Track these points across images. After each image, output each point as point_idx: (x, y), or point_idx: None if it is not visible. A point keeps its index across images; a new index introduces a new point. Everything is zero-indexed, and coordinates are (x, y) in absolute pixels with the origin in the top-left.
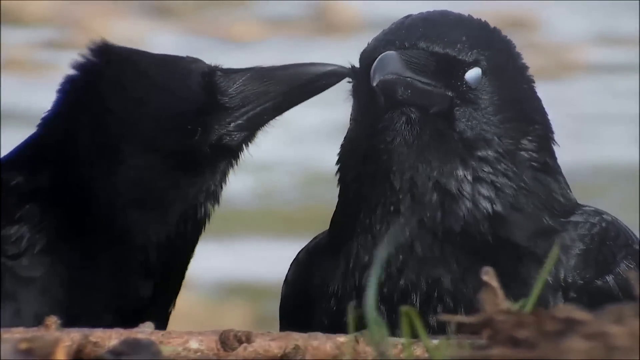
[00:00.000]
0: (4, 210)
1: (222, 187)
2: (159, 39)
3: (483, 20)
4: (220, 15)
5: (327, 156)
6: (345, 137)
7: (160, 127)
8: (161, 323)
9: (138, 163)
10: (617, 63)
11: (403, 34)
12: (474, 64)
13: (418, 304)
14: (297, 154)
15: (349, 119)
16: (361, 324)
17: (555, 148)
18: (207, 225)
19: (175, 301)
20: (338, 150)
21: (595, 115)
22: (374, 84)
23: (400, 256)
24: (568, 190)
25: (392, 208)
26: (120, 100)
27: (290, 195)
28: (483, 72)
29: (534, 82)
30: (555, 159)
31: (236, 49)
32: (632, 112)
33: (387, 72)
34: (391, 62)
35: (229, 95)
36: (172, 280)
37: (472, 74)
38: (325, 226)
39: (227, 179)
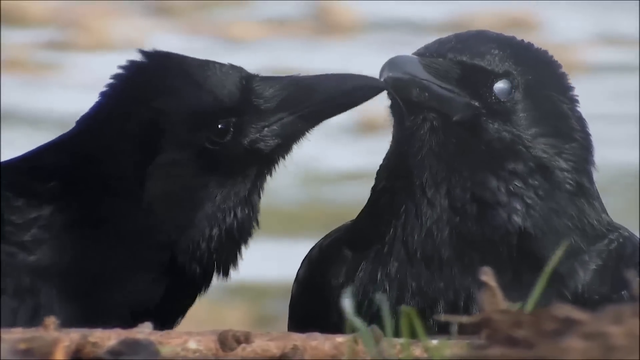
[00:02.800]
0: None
1: (257, 197)
2: (160, 39)
3: (526, 41)
4: (220, 15)
5: (328, 156)
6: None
7: (192, 122)
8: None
9: (167, 158)
10: (617, 63)
11: (435, 47)
12: (504, 75)
13: (443, 312)
14: (297, 153)
15: (352, 122)
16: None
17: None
18: (247, 238)
19: (186, 310)
20: (340, 151)
21: (595, 115)
22: (381, 80)
23: (433, 264)
24: (603, 214)
25: (427, 220)
26: (155, 94)
27: (290, 195)
28: (515, 86)
29: (577, 103)
30: (592, 181)
31: (236, 48)
32: (632, 112)
33: (401, 72)
34: (407, 64)
35: (264, 99)
36: (191, 287)
37: (500, 85)
38: (326, 226)
39: (261, 189)
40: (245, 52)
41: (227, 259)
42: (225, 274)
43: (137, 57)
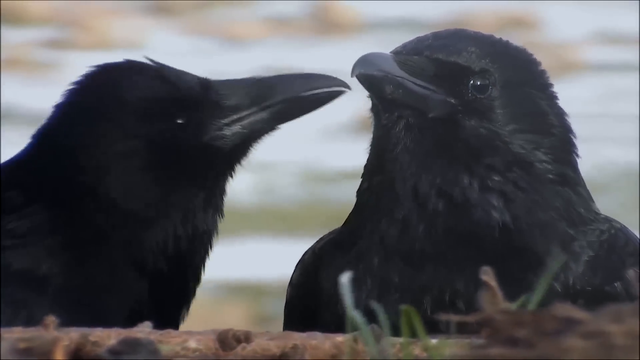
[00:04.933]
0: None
1: (219, 197)
2: (160, 38)
3: (505, 39)
4: (221, 15)
5: (328, 155)
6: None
7: (147, 111)
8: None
9: (121, 147)
10: (617, 63)
11: (412, 45)
12: (482, 73)
13: (429, 308)
14: (297, 152)
15: (352, 121)
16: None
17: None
18: (212, 235)
19: (187, 307)
20: (340, 150)
21: (595, 115)
22: (352, 76)
23: (413, 260)
24: (590, 202)
25: (400, 216)
26: (112, 91)
27: (291, 194)
28: (492, 83)
29: (556, 99)
30: (577, 171)
31: (236, 48)
32: (632, 112)
33: (374, 69)
34: (380, 61)
35: (224, 95)
36: (174, 285)
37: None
38: (326, 225)
39: (223, 188)
40: (246, 52)
41: (195, 260)
42: (196, 276)
43: (100, 64)
